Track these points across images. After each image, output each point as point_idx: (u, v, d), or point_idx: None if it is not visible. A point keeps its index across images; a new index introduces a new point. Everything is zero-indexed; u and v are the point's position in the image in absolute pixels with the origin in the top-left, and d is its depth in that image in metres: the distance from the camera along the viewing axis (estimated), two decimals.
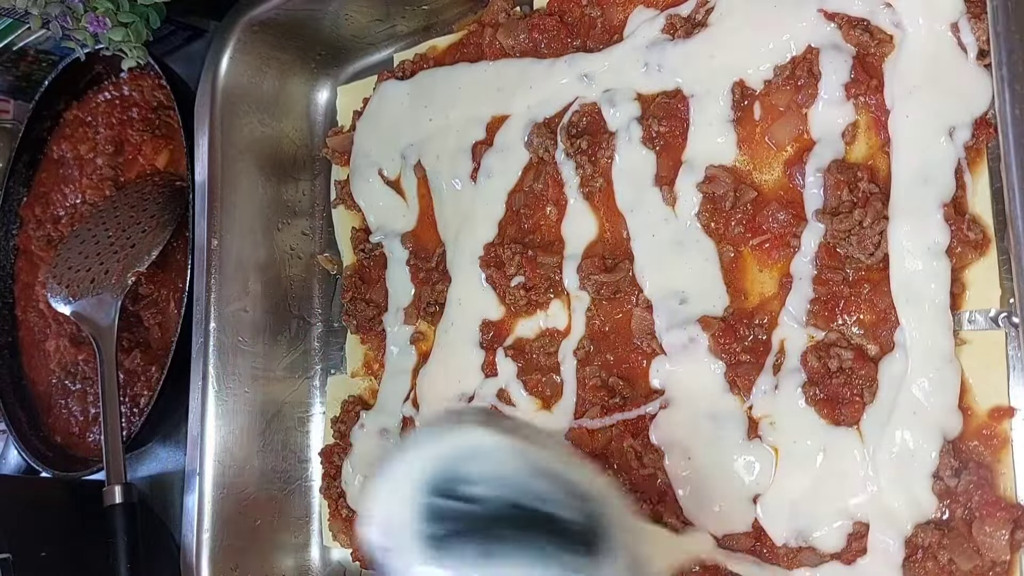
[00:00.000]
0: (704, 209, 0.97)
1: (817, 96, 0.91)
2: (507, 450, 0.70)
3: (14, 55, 1.58)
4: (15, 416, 1.55)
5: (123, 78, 1.52)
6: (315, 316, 1.35)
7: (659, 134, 1.01)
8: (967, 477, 0.80)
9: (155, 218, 1.37)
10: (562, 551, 0.66)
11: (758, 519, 0.91)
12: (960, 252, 0.83)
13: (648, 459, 0.97)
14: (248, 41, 1.27)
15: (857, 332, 0.88)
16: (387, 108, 1.25)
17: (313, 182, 1.37)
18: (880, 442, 0.84)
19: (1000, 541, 0.78)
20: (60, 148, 1.61)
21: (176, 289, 1.39)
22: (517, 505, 0.67)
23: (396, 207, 1.24)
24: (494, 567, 0.65)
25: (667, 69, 1.01)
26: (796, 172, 0.93)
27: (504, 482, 0.68)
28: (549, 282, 1.07)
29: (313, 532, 1.29)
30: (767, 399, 0.91)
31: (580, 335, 1.05)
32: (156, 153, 1.48)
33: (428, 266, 1.19)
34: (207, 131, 1.26)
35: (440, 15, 1.24)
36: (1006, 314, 0.82)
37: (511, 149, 1.12)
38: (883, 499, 0.84)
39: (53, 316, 1.56)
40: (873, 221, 0.86)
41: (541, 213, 1.10)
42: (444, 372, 1.15)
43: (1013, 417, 0.81)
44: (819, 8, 0.92)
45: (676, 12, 1.02)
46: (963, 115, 0.83)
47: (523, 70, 1.12)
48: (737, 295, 0.96)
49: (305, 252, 1.35)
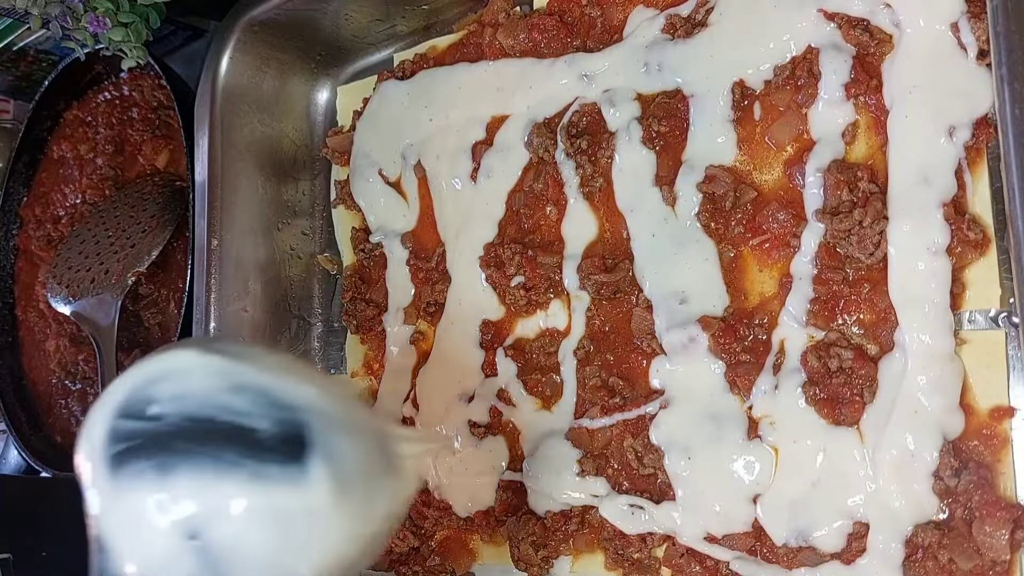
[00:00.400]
0: (704, 209, 0.97)
1: (817, 96, 0.91)
2: (202, 369, 0.70)
3: (14, 55, 1.58)
4: (15, 416, 1.55)
5: (123, 78, 1.52)
6: (315, 316, 1.35)
7: (659, 134, 1.01)
8: (967, 477, 0.80)
9: (155, 218, 1.37)
10: (251, 459, 0.65)
11: (758, 519, 0.91)
12: (960, 252, 0.83)
13: (648, 459, 0.97)
14: (248, 41, 1.27)
15: (857, 332, 0.88)
16: (387, 108, 1.25)
17: (313, 182, 1.37)
18: (880, 442, 0.84)
19: (1000, 541, 0.78)
20: (60, 148, 1.61)
21: (176, 289, 1.39)
22: (203, 420, 0.67)
23: (396, 207, 1.24)
24: (170, 480, 0.65)
25: (667, 69, 1.01)
26: (796, 172, 0.93)
27: (188, 399, 0.67)
28: (549, 282, 1.07)
29: None
30: (767, 399, 0.91)
31: (580, 335, 1.05)
32: (156, 153, 1.48)
33: (428, 266, 1.19)
34: (207, 131, 1.26)
35: (440, 15, 1.24)
36: (1006, 314, 0.82)
37: (511, 149, 1.12)
38: (883, 499, 0.84)
39: (53, 316, 1.56)
40: (873, 221, 0.86)
41: (541, 213, 1.10)
42: (444, 372, 1.15)
43: (1013, 417, 0.81)
44: (819, 8, 0.92)
45: (676, 12, 1.02)
46: (963, 115, 0.83)
47: (523, 70, 1.12)
48: (737, 295, 0.96)
49: (305, 252, 1.35)
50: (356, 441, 0.72)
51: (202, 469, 0.65)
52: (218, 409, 0.67)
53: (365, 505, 0.72)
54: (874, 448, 0.84)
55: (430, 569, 1.12)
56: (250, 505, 0.66)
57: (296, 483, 0.67)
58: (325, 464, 0.68)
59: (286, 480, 0.67)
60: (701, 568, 0.94)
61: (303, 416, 0.69)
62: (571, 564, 1.04)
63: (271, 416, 0.68)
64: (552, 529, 1.03)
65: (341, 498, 0.69)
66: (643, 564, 0.98)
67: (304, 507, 0.67)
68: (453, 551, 1.12)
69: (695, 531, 0.94)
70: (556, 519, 1.03)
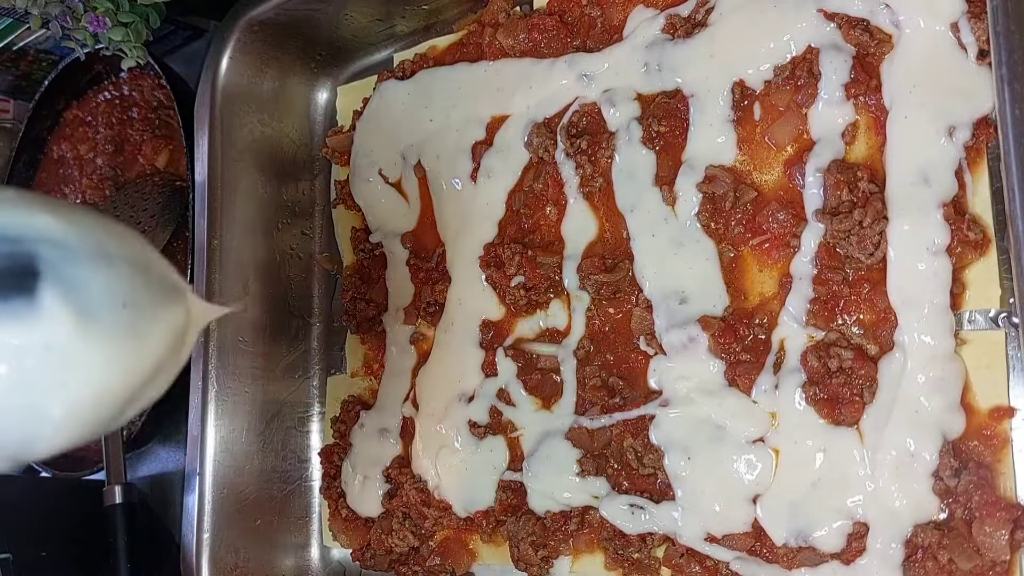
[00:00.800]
0: (704, 209, 0.97)
1: (817, 96, 0.91)
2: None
3: (14, 55, 1.58)
4: None
5: (123, 78, 1.52)
6: (315, 316, 1.35)
7: (659, 134, 1.01)
8: (967, 477, 0.80)
9: (155, 218, 1.37)
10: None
11: (758, 519, 0.91)
12: (960, 252, 0.83)
13: (648, 459, 0.97)
14: (248, 41, 1.27)
15: (857, 332, 0.88)
16: (387, 108, 1.25)
17: (313, 182, 1.37)
18: (880, 442, 0.84)
19: (1000, 541, 0.78)
20: (60, 148, 1.61)
21: None
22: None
23: (396, 207, 1.24)
24: None
25: (667, 69, 1.01)
26: (796, 172, 0.93)
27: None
28: (549, 282, 1.07)
29: (313, 532, 1.29)
30: (767, 399, 0.91)
31: (580, 335, 1.05)
32: (156, 153, 1.48)
33: (428, 266, 1.19)
34: (207, 131, 1.26)
35: (440, 15, 1.24)
36: (1006, 314, 0.82)
37: (511, 149, 1.12)
38: (883, 499, 0.84)
39: None
40: (873, 221, 0.86)
41: (541, 213, 1.10)
42: (444, 372, 1.15)
43: (1013, 417, 0.81)
44: (819, 8, 0.92)
45: (676, 12, 1.01)
46: (963, 115, 0.83)
47: (523, 70, 1.12)
48: (737, 295, 0.96)
49: (305, 252, 1.35)
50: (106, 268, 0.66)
51: None
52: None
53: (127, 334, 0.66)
54: (874, 448, 0.84)
55: (430, 569, 1.13)
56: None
57: (25, 317, 0.61)
58: (61, 294, 0.63)
59: (13, 315, 0.61)
60: (701, 568, 0.94)
61: (32, 247, 0.63)
62: (571, 564, 1.04)
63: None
64: (552, 529, 1.03)
65: (88, 328, 0.63)
66: (643, 564, 0.98)
67: (41, 341, 0.62)
68: (453, 551, 1.12)
69: (695, 531, 0.94)
70: (556, 519, 1.03)
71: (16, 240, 0.63)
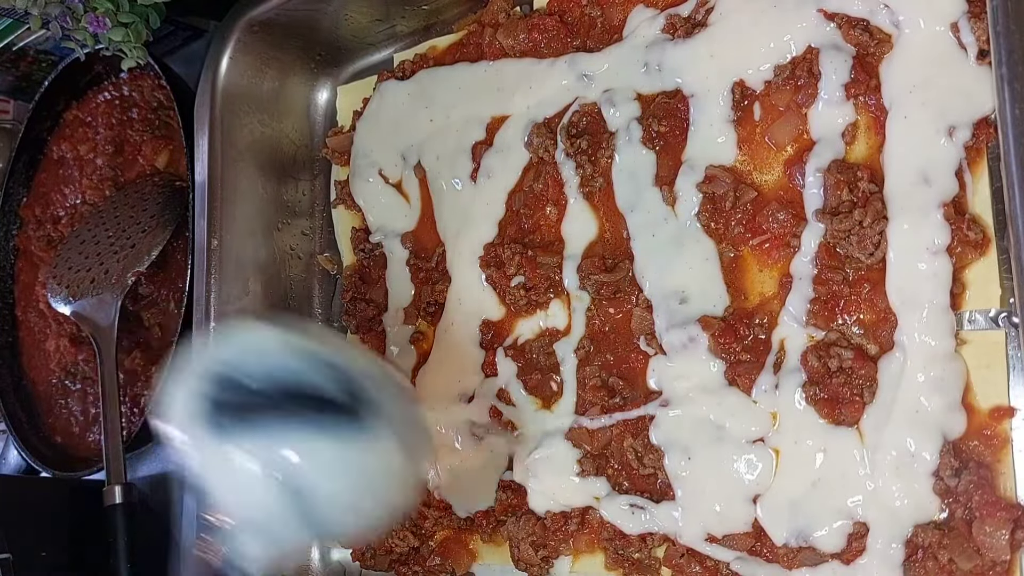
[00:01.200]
0: (704, 209, 0.97)
1: (817, 96, 0.91)
2: (280, 345, 0.84)
3: (14, 55, 1.58)
4: (15, 416, 1.55)
5: (123, 78, 1.52)
6: (315, 316, 1.35)
7: (659, 134, 1.01)
8: (967, 477, 0.80)
9: (155, 218, 1.37)
10: (330, 420, 0.81)
11: (758, 519, 0.91)
12: (960, 252, 0.83)
13: (648, 459, 0.97)
14: (248, 41, 1.27)
15: (857, 332, 0.88)
16: (387, 108, 1.25)
17: (313, 182, 1.37)
18: (880, 442, 0.84)
19: (1000, 541, 0.78)
20: (60, 148, 1.61)
21: (176, 289, 1.39)
22: (291, 391, 0.81)
23: (396, 207, 1.24)
24: (271, 438, 0.80)
25: (667, 69, 1.01)
26: (796, 172, 0.93)
27: (276, 371, 0.81)
28: (549, 282, 1.07)
29: None
30: (767, 399, 0.91)
31: (580, 335, 1.05)
32: (156, 153, 1.48)
33: (428, 266, 1.19)
34: (207, 131, 1.26)
35: (440, 15, 1.24)
36: (1006, 314, 0.82)
37: (511, 149, 1.12)
38: (883, 499, 0.84)
39: (53, 316, 1.56)
40: (873, 221, 0.86)
41: (541, 213, 1.10)
42: (444, 372, 1.15)
43: (1013, 417, 0.81)
44: (819, 8, 0.92)
45: (676, 12, 1.02)
46: (963, 115, 0.83)
47: (523, 70, 1.12)
48: (737, 295, 0.96)
49: (305, 252, 1.35)
50: (403, 403, 0.90)
51: (293, 428, 0.80)
52: (296, 375, 0.82)
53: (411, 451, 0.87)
54: (874, 448, 0.84)
55: (430, 569, 1.12)
56: (335, 456, 0.81)
57: (369, 437, 0.82)
58: (387, 422, 0.84)
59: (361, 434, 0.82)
60: (701, 568, 0.94)
61: (361, 382, 0.84)
62: (571, 564, 1.04)
63: (337, 381, 0.83)
64: (552, 529, 1.03)
65: (402, 447, 0.85)
66: (643, 564, 0.98)
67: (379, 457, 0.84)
68: (453, 551, 1.12)
69: (695, 531, 0.94)
70: (556, 519, 1.03)
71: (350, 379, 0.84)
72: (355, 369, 0.85)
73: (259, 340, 0.85)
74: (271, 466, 0.80)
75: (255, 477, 0.80)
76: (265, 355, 0.83)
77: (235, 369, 0.82)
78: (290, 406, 0.80)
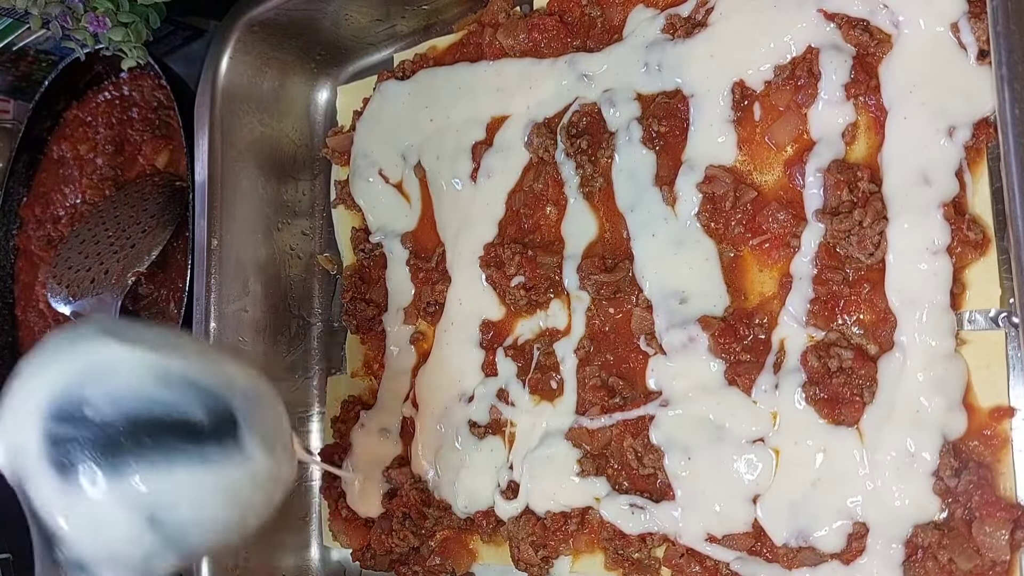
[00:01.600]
0: (704, 209, 0.97)
1: (817, 96, 0.91)
2: (126, 365, 0.76)
3: (14, 55, 1.58)
4: None
5: (123, 78, 1.52)
6: (315, 316, 1.35)
7: (659, 134, 1.01)
8: (967, 477, 0.80)
9: (155, 218, 1.37)
10: (193, 445, 0.75)
11: (758, 519, 0.91)
12: (960, 252, 0.83)
13: (648, 459, 0.97)
14: (248, 41, 1.27)
15: (857, 332, 0.88)
16: (387, 108, 1.25)
17: (313, 182, 1.37)
18: (880, 442, 0.84)
19: (1000, 541, 0.78)
20: (60, 148, 1.61)
21: (176, 289, 1.39)
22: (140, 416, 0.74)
23: (396, 207, 1.24)
24: (124, 476, 0.73)
25: (667, 69, 1.01)
26: (796, 172, 0.93)
27: (122, 398, 0.74)
28: (549, 282, 1.07)
29: (313, 532, 1.29)
30: (767, 399, 0.91)
31: (580, 335, 1.05)
32: (156, 153, 1.48)
33: (428, 266, 1.19)
34: (207, 131, 1.26)
35: (440, 15, 1.24)
36: (1006, 314, 0.82)
37: (511, 149, 1.12)
38: (883, 499, 0.84)
39: (53, 316, 1.56)
40: (873, 221, 0.86)
41: (541, 213, 1.10)
42: (444, 372, 1.15)
43: (1013, 417, 0.81)
44: (819, 8, 0.92)
45: (676, 12, 1.02)
46: (963, 115, 0.83)
47: (523, 70, 1.12)
48: (737, 295, 0.96)
49: (305, 252, 1.35)
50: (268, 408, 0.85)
51: (151, 462, 0.73)
52: (151, 403, 0.75)
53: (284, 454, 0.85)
54: (874, 448, 0.84)
55: (430, 569, 1.12)
56: (201, 484, 0.76)
57: (235, 458, 0.78)
58: (255, 435, 0.79)
59: (227, 458, 0.77)
60: (701, 568, 0.94)
61: (228, 399, 0.79)
62: (571, 564, 1.04)
63: (201, 403, 0.77)
64: (552, 529, 1.03)
65: (271, 457, 0.81)
66: (643, 564, 0.98)
67: (248, 474, 0.79)
68: (453, 551, 1.12)
69: (695, 531, 0.94)
70: (556, 519, 1.03)
71: (214, 395, 0.78)
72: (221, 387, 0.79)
73: (104, 362, 0.76)
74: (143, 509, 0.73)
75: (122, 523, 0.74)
76: (111, 380, 0.75)
77: (74, 402, 0.73)
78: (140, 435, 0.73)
